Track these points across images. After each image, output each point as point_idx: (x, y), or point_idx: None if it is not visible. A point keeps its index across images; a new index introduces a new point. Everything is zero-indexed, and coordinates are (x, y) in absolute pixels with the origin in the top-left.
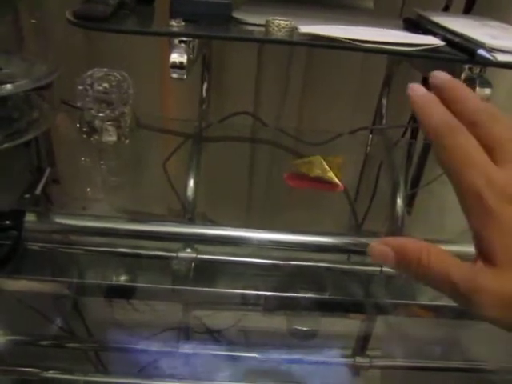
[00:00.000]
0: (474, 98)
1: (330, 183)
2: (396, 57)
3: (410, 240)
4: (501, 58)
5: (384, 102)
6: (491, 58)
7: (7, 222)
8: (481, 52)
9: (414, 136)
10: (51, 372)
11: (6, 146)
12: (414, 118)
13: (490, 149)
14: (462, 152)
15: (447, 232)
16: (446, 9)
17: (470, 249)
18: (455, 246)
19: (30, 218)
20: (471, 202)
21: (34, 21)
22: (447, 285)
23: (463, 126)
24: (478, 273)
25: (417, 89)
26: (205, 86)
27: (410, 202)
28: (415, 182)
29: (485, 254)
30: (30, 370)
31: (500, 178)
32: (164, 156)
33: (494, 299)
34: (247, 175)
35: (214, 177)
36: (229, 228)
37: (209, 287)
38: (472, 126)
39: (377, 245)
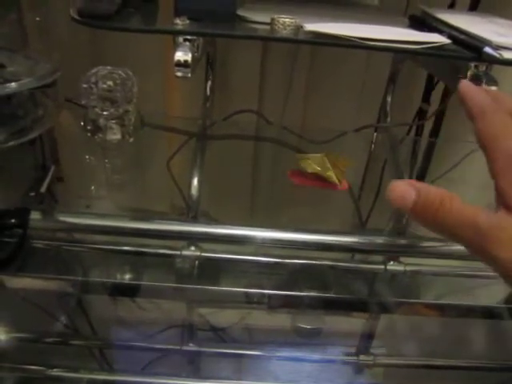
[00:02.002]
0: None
1: (334, 182)
2: (401, 54)
3: (432, 186)
4: (507, 55)
5: (388, 99)
6: (498, 55)
7: (12, 220)
8: (487, 50)
9: (418, 134)
10: (55, 370)
11: (11, 144)
12: (418, 116)
13: None
14: (501, 124)
15: None
16: (451, 6)
17: None
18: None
19: (34, 216)
20: (504, 163)
21: (38, 19)
22: (468, 226)
23: (503, 108)
24: (502, 216)
25: (465, 81)
26: (209, 84)
27: None
28: (420, 180)
29: (510, 206)
30: (35, 367)
31: None
32: (168, 154)
33: None
34: (251, 173)
35: (217, 175)
36: (232, 226)
37: (213, 285)
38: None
39: (400, 183)
